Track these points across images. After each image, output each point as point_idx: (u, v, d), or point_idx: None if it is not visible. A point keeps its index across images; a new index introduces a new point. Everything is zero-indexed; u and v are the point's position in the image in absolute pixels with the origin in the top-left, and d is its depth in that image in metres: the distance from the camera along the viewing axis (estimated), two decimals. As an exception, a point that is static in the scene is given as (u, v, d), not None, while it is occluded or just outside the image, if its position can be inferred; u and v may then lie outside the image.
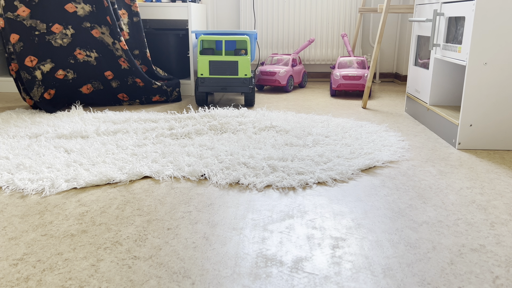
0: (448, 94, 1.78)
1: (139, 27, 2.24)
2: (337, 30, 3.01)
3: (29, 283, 0.74)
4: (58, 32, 2.03)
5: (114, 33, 2.10)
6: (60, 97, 2.09)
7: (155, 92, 2.24)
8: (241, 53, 2.08)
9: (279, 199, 1.09)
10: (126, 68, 2.16)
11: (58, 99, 2.08)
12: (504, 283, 0.75)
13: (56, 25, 2.02)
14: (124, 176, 1.22)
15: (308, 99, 2.43)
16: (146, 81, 2.20)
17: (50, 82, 2.04)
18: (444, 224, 0.96)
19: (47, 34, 2.01)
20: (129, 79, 2.18)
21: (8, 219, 0.98)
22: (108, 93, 2.18)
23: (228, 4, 3.05)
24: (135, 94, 2.22)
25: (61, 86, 2.07)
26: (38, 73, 2.01)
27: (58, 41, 2.04)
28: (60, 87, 2.07)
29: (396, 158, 1.39)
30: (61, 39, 2.04)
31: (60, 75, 2.05)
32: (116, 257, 0.82)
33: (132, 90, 2.21)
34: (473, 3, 1.41)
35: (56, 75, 2.05)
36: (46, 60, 2.03)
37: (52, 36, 2.02)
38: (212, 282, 0.75)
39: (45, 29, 2.01)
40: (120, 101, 2.22)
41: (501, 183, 1.20)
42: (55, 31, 2.02)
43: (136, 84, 2.20)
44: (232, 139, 1.55)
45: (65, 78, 2.07)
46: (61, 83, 2.07)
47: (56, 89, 2.06)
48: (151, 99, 2.25)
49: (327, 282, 0.75)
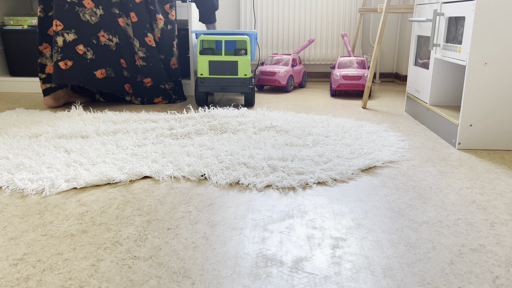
0: (448, 94, 1.78)
1: (171, 35, 2.24)
2: (337, 30, 3.01)
3: (29, 283, 0.74)
4: (89, 7, 2.04)
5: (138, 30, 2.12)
6: (75, 72, 2.08)
7: (159, 94, 2.25)
8: (241, 53, 2.08)
9: (279, 199, 1.09)
10: (138, 66, 2.17)
11: (72, 73, 2.07)
12: (504, 283, 0.75)
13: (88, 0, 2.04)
14: (124, 176, 1.22)
15: (308, 99, 2.43)
16: (157, 80, 2.21)
17: (69, 54, 2.05)
18: (444, 224, 0.96)
19: (78, 5, 2.03)
20: (138, 76, 2.19)
21: (8, 219, 0.98)
22: (117, 82, 2.19)
23: (228, 4, 3.04)
24: (139, 92, 2.23)
25: (78, 61, 2.07)
26: (60, 39, 2.02)
27: (87, 16, 2.05)
28: (77, 62, 2.07)
29: (396, 158, 1.39)
30: (90, 15, 2.05)
31: (80, 50, 2.06)
32: (116, 257, 0.82)
33: (138, 87, 2.22)
34: (473, 3, 1.41)
35: (77, 48, 2.06)
36: (71, 29, 2.04)
37: (82, 9, 2.03)
38: (212, 282, 0.75)
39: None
40: (125, 93, 2.22)
41: (501, 183, 1.20)
42: (86, 5, 2.04)
43: (143, 84, 2.20)
44: (232, 139, 1.55)
45: (84, 55, 2.08)
46: (79, 58, 2.07)
47: (73, 62, 2.06)
48: (153, 100, 2.25)
49: (327, 282, 0.75)
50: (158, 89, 2.24)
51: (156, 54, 2.17)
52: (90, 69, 2.10)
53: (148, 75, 2.19)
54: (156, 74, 2.20)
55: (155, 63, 2.18)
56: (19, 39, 2.60)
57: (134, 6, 2.10)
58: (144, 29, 2.13)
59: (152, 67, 2.18)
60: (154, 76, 2.20)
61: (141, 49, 2.15)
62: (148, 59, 2.17)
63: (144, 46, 2.15)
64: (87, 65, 2.09)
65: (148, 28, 2.13)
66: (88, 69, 2.10)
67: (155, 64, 2.18)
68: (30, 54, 2.63)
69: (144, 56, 2.16)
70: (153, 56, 2.17)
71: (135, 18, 2.11)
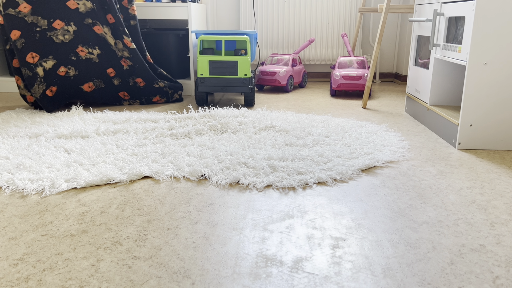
0: (448, 94, 1.78)
1: (136, 31, 2.23)
2: (337, 30, 3.01)
3: (29, 283, 0.74)
4: (60, 28, 2.01)
5: (116, 33, 2.10)
6: (62, 94, 2.08)
7: (156, 93, 2.24)
8: (241, 53, 2.08)
9: (279, 199, 1.09)
10: (127, 69, 2.16)
11: (59, 96, 2.07)
12: (504, 283, 0.75)
13: (57, 21, 2.01)
14: (124, 176, 1.22)
15: (308, 99, 2.43)
16: (148, 79, 2.20)
17: (52, 79, 2.04)
18: (444, 224, 0.96)
19: (48, 30, 2.00)
20: (130, 80, 2.18)
21: (8, 219, 0.98)
22: (109, 91, 2.18)
23: (228, 4, 3.05)
24: (136, 94, 2.22)
25: (62, 83, 2.06)
26: (40, 69, 2.01)
27: (60, 37, 2.02)
28: (61, 84, 2.06)
29: (396, 158, 1.39)
30: (63, 35, 2.02)
31: (61, 71, 2.04)
32: (116, 257, 0.82)
33: (133, 90, 2.21)
34: (473, 3, 1.41)
35: (58, 72, 2.04)
36: (48, 56, 2.02)
37: (54, 32, 2.01)
38: (212, 282, 0.75)
39: (46, 25, 2.00)
40: (121, 100, 2.21)
41: (501, 183, 1.20)
42: (56, 27, 2.01)
43: (137, 84, 2.19)
44: (232, 139, 1.55)
45: (67, 75, 2.06)
46: (63, 80, 2.06)
47: (58, 86, 2.05)
48: (151, 99, 2.24)
49: (327, 282, 0.75)
50: (152, 88, 2.23)
51: (138, 55, 2.15)
52: (75, 85, 2.09)
53: (138, 75, 2.18)
54: (144, 74, 2.19)
55: (140, 63, 2.17)
56: (19, 39, 2.60)
57: (109, 7, 2.07)
58: (120, 31, 2.11)
59: (138, 68, 2.17)
60: (143, 76, 2.19)
61: (125, 49, 2.13)
62: (133, 59, 2.15)
63: (126, 47, 2.13)
64: (71, 82, 2.08)
65: (122, 31, 2.11)
66: (74, 86, 2.08)
67: (140, 64, 2.17)
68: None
69: (129, 56, 2.14)
70: (135, 57, 2.15)
71: (112, 19, 2.09)
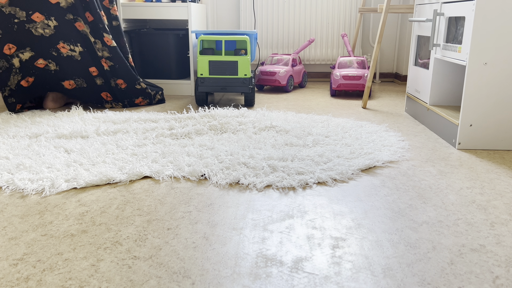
0: (448, 94, 1.78)
1: (119, 32, 2.18)
2: (337, 30, 3.01)
3: (29, 283, 0.74)
4: (39, 21, 1.97)
5: (96, 31, 2.06)
6: (40, 85, 2.04)
7: (138, 94, 2.19)
8: (241, 53, 2.08)
9: (279, 199, 1.09)
10: (107, 69, 2.11)
11: (37, 87, 2.03)
12: (504, 283, 0.75)
13: (36, 13, 1.97)
14: (124, 176, 1.22)
15: (308, 99, 2.43)
16: (129, 80, 2.15)
17: (29, 70, 2.00)
18: (444, 224, 0.96)
19: (27, 22, 1.97)
20: (111, 81, 2.13)
21: (8, 219, 0.98)
22: (91, 91, 2.13)
23: (228, 4, 3.05)
24: (118, 96, 2.17)
25: (41, 74, 2.02)
26: (16, 60, 1.98)
27: (39, 30, 1.99)
28: (40, 76, 2.03)
29: (396, 158, 1.39)
30: (43, 29, 1.99)
31: (40, 64, 2.01)
32: (116, 257, 0.82)
33: (115, 92, 2.16)
34: (473, 3, 1.41)
35: (36, 63, 2.01)
36: (26, 48, 1.99)
37: (33, 25, 1.97)
38: (212, 282, 0.75)
39: (24, 17, 1.96)
40: (103, 101, 2.15)
41: (501, 183, 1.20)
42: (35, 20, 1.97)
43: (118, 86, 2.14)
44: (232, 139, 1.55)
45: (47, 68, 2.03)
46: (42, 72, 2.02)
47: (35, 77, 2.02)
48: (134, 101, 2.20)
49: (327, 282, 0.75)
50: (134, 90, 2.18)
51: (119, 54, 2.10)
52: (56, 79, 2.05)
53: (118, 76, 2.13)
54: (125, 74, 2.14)
55: (120, 63, 2.12)
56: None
57: (86, 4, 2.03)
58: (100, 29, 2.06)
59: (119, 68, 2.12)
60: (124, 77, 2.14)
61: (105, 49, 2.09)
62: (113, 59, 2.10)
63: (106, 46, 2.08)
64: (52, 76, 2.04)
65: (102, 28, 2.06)
66: (54, 79, 2.05)
67: (121, 64, 2.12)
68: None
69: (109, 56, 2.10)
70: (116, 57, 2.10)
71: (91, 17, 2.05)
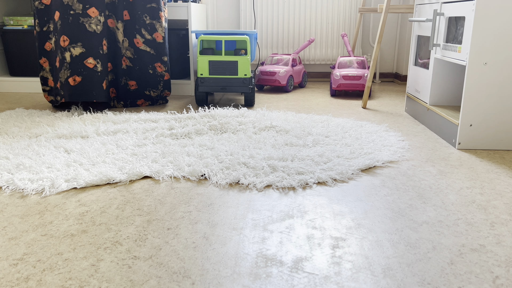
0: (448, 94, 1.78)
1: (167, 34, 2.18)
2: (337, 30, 3.01)
3: (29, 283, 0.74)
4: (94, 16, 1.93)
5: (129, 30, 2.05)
6: (85, 88, 1.99)
7: (141, 97, 2.19)
8: (241, 53, 2.08)
9: (279, 199, 1.09)
10: (124, 68, 2.12)
11: (82, 89, 1.98)
12: (504, 283, 0.75)
13: (93, 8, 1.92)
14: (124, 176, 1.22)
15: (308, 99, 2.43)
16: (143, 85, 2.14)
17: (78, 68, 1.96)
18: (444, 224, 0.96)
19: (82, 16, 1.92)
20: (122, 79, 2.13)
21: (8, 219, 0.98)
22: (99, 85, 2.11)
23: (228, 4, 3.05)
24: (122, 96, 2.17)
25: (89, 75, 1.97)
26: (68, 55, 1.94)
27: (93, 27, 1.94)
28: (87, 77, 1.97)
29: (396, 158, 1.39)
30: (96, 25, 1.94)
31: (90, 63, 1.96)
32: (116, 257, 0.82)
33: (121, 91, 2.16)
34: (473, 3, 1.41)
35: (86, 62, 1.96)
36: (77, 43, 1.94)
37: (87, 20, 1.93)
38: (212, 282, 0.75)
39: (80, 9, 1.92)
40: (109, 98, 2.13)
41: (501, 183, 1.20)
42: (91, 15, 1.92)
43: (127, 86, 2.14)
44: (232, 139, 1.55)
45: (95, 69, 1.98)
46: (90, 73, 1.97)
47: (83, 77, 1.97)
48: (136, 102, 2.20)
49: (327, 282, 0.75)
50: (142, 94, 2.17)
51: (144, 57, 2.10)
52: (100, 82, 2.01)
53: (133, 78, 2.12)
54: (142, 79, 2.13)
55: (142, 66, 2.11)
56: (19, 39, 2.60)
57: (128, 3, 2.03)
58: (134, 30, 2.06)
59: (138, 71, 2.11)
60: (139, 80, 2.13)
61: (130, 49, 2.08)
62: (135, 61, 2.10)
63: (133, 47, 2.08)
64: (97, 78, 2.00)
65: (137, 29, 2.06)
66: (99, 82, 2.01)
67: (142, 67, 2.11)
68: (30, 54, 2.63)
69: (131, 57, 2.09)
70: (140, 59, 2.10)
71: (127, 16, 2.04)
